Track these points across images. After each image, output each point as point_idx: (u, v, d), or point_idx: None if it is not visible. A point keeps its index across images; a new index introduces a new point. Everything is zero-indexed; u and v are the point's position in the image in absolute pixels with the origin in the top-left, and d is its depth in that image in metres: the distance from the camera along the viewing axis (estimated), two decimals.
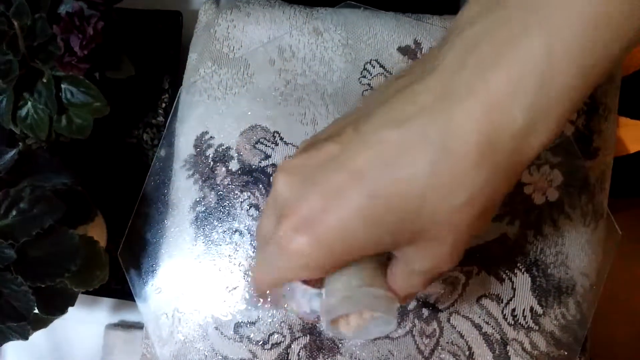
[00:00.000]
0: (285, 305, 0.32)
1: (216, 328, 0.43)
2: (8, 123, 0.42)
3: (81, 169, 0.46)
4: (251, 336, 0.43)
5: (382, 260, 0.29)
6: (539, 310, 0.41)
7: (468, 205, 0.23)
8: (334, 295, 0.28)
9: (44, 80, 0.40)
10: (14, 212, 0.36)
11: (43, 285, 0.36)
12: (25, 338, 0.39)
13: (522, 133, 0.22)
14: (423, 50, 0.42)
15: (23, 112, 0.42)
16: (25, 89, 0.41)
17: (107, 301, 0.51)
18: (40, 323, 0.40)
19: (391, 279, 0.29)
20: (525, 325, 0.41)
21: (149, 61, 0.47)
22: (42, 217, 0.36)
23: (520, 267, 0.41)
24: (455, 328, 0.41)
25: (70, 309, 0.40)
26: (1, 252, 0.35)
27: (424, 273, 0.27)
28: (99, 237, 0.43)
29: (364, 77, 0.43)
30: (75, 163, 0.47)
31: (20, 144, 0.44)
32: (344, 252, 0.25)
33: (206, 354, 0.43)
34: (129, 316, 0.51)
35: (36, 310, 0.38)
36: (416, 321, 0.41)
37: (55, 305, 0.38)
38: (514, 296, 0.41)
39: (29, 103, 0.41)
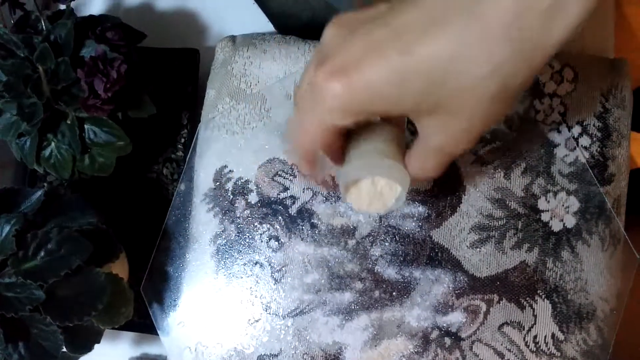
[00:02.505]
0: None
1: None
2: (32, 163, 0.43)
3: (102, 204, 0.47)
4: None
5: (403, 141, 0.32)
6: (561, 336, 0.41)
7: (489, 78, 0.24)
8: (352, 162, 0.31)
9: (68, 122, 0.41)
10: (42, 253, 0.37)
11: (71, 325, 0.37)
12: None
13: (550, 12, 0.23)
14: None
15: (47, 152, 0.43)
16: (49, 130, 0.42)
17: (129, 335, 0.51)
18: None
19: (407, 160, 0.31)
20: (547, 352, 0.41)
21: (167, 98, 0.48)
22: (70, 257, 0.37)
23: (541, 293, 0.41)
24: (477, 356, 0.41)
25: None
26: (30, 293, 0.36)
27: (439, 151, 0.29)
28: (123, 274, 0.43)
29: None
30: (96, 199, 0.48)
31: (45, 184, 0.45)
32: (370, 101, 0.27)
33: None
34: (151, 349, 0.51)
35: (63, 349, 0.38)
36: (439, 350, 0.42)
37: (82, 343, 0.39)
38: (535, 323, 0.41)
39: (53, 143, 0.42)
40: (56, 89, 0.39)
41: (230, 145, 0.46)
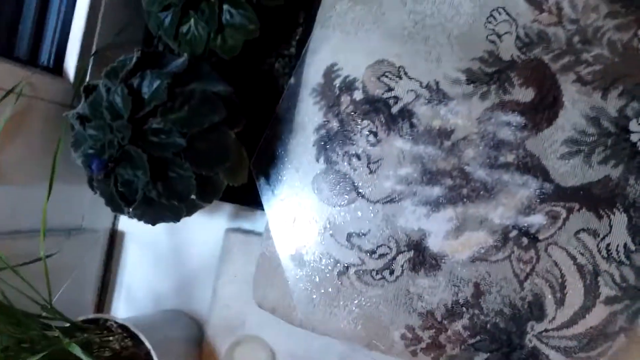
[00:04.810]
0: None
1: (331, 235, 0.48)
2: (171, 37, 0.48)
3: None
4: (361, 245, 0.48)
5: None
6: (632, 247, 0.44)
7: None
8: None
9: (210, 0, 0.45)
10: (186, 107, 0.42)
11: (203, 174, 0.42)
12: (177, 220, 0.45)
13: None
14: (549, 1, 0.46)
15: (185, 28, 0.47)
16: (190, 7, 0.46)
17: (226, 208, 0.57)
18: (191, 209, 0.46)
19: None
20: (618, 259, 0.44)
21: None
22: (210, 114, 0.42)
23: (619, 207, 0.44)
24: (551, 257, 0.45)
25: None
26: (174, 140, 0.41)
27: None
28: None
29: (490, 22, 0.47)
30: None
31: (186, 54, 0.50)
32: None
33: (320, 255, 0.48)
34: (246, 224, 0.56)
35: (192, 196, 0.44)
36: (515, 248, 0.46)
37: (207, 194, 0.44)
38: (610, 232, 0.44)
39: (192, 20, 0.47)
40: None
41: (343, 45, 0.50)
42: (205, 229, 0.55)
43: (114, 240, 0.58)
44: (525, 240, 0.46)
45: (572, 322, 0.45)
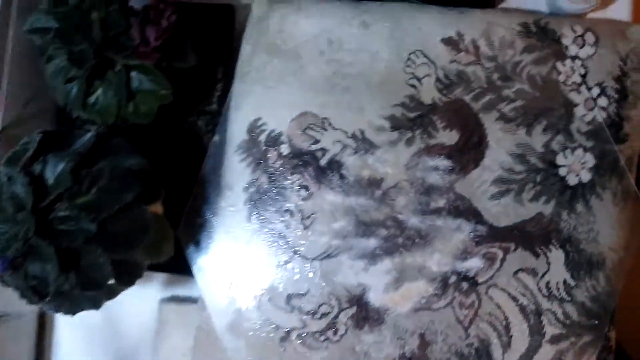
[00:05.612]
0: None
1: (269, 299, 0.46)
2: (79, 108, 0.45)
3: (141, 152, 0.50)
4: (302, 306, 0.46)
5: None
6: (572, 282, 0.44)
7: None
8: None
9: (116, 69, 0.43)
10: (95, 190, 0.39)
11: (119, 257, 0.40)
12: (97, 307, 0.42)
13: None
14: (465, 41, 0.45)
15: (92, 98, 0.45)
16: (96, 76, 0.44)
17: (159, 278, 0.54)
18: (111, 293, 0.43)
19: None
20: (559, 296, 0.44)
21: (203, 53, 0.50)
22: (122, 194, 0.39)
23: (555, 243, 0.44)
24: (492, 300, 0.44)
25: None
26: (83, 226, 0.38)
27: None
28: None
29: (408, 66, 0.46)
30: (135, 146, 0.50)
31: (95, 127, 0.47)
32: None
33: (260, 323, 0.46)
34: (181, 291, 0.54)
35: (110, 282, 0.41)
36: (456, 294, 0.45)
37: (127, 276, 0.42)
38: (548, 270, 0.44)
39: (100, 90, 0.44)
40: (107, 37, 0.42)
41: (265, 99, 0.48)
42: (139, 300, 0.52)
43: (44, 322, 0.55)
44: (465, 285, 0.45)
45: None
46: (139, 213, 0.40)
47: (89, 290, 0.40)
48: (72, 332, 0.56)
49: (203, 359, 0.48)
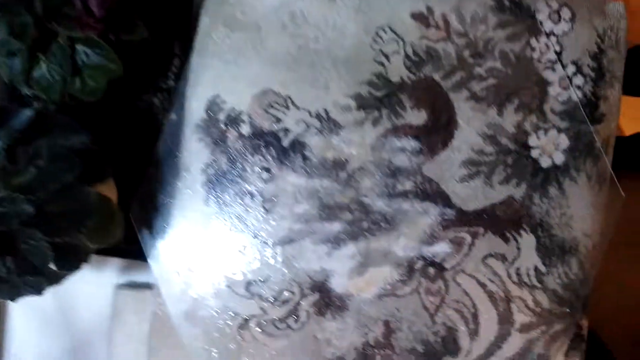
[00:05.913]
0: None
1: (228, 286, 0.44)
2: (21, 84, 0.42)
3: (91, 131, 0.47)
4: (262, 293, 0.44)
5: None
6: (543, 269, 0.42)
7: None
8: None
9: (59, 42, 0.40)
10: (32, 169, 0.36)
11: (60, 241, 0.37)
12: (39, 293, 0.40)
13: None
14: (435, 16, 0.43)
15: (37, 73, 0.42)
16: (39, 50, 0.41)
17: (115, 262, 0.52)
18: (54, 279, 0.41)
19: None
20: (529, 284, 0.42)
21: (159, 26, 0.47)
22: (61, 173, 0.36)
23: (526, 227, 0.42)
24: (460, 286, 0.43)
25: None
26: (20, 208, 0.36)
27: None
28: (112, 198, 0.43)
29: (376, 42, 0.44)
30: (85, 126, 0.47)
31: (35, 103, 0.44)
32: None
33: (218, 310, 0.44)
34: (138, 277, 0.51)
35: (51, 266, 0.38)
36: (422, 280, 0.43)
37: (70, 261, 0.39)
38: (519, 256, 0.42)
39: (43, 65, 0.41)
40: (48, 7, 0.38)
41: (224, 74, 0.45)
42: (95, 286, 0.50)
43: None
44: (431, 270, 0.43)
45: (488, 354, 0.43)
46: (81, 194, 0.38)
47: (27, 275, 0.37)
48: (26, 318, 0.53)
49: (159, 345, 0.45)
